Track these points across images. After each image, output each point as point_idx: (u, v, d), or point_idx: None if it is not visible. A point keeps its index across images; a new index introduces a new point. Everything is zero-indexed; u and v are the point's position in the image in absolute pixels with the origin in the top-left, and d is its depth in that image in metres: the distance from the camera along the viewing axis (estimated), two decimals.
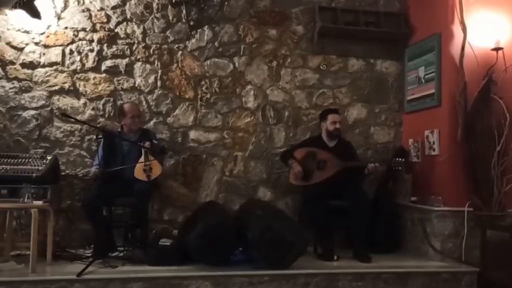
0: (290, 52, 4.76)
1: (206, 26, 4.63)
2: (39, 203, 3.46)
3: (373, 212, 4.18)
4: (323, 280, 3.52)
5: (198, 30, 4.61)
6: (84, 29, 4.40)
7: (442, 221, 4.03)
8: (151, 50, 4.53)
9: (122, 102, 4.39)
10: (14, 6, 4.12)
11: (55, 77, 4.34)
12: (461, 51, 4.12)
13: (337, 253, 3.95)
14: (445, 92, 4.19)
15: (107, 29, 4.45)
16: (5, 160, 3.72)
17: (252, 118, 4.70)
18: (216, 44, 4.65)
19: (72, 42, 4.38)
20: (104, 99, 4.43)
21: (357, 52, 4.86)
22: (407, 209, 4.42)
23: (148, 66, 4.52)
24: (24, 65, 4.29)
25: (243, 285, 3.39)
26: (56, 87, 4.34)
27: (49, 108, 4.32)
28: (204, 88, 4.62)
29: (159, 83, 4.54)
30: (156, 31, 4.55)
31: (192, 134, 4.59)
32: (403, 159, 4.10)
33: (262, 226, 3.54)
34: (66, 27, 4.37)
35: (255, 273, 3.44)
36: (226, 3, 4.65)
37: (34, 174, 3.58)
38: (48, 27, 4.33)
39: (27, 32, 4.29)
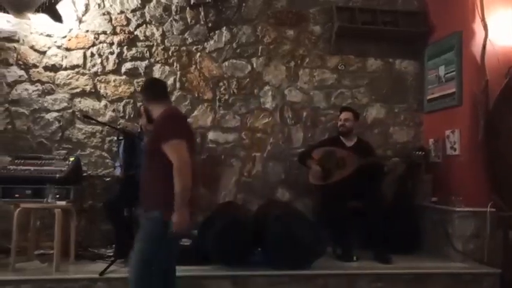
0: (308, 52, 4.76)
1: (224, 28, 4.66)
2: (63, 203, 3.53)
3: (392, 213, 4.16)
4: (342, 281, 3.51)
5: (216, 32, 4.65)
6: (104, 32, 4.48)
7: (463, 222, 3.98)
8: (170, 52, 4.58)
9: (141, 103, 4.44)
10: (37, 11, 4.20)
11: (77, 80, 4.42)
12: (482, 49, 4.07)
13: (356, 254, 3.93)
14: (466, 91, 4.15)
15: (126, 32, 4.51)
16: (29, 161, 3.81)
17: (270, 119, 4.71)
18: (234, 45, 4.68)
19: (93, 45, 4.46)
20: (124, 101, 4.49)
21: (375, 52, 4.84)
22: (428, 209, 4.37)
23: (167, 68, 4.57)
24: (46, 68, 4.37)
25: (263, 285, 3.40)
26: (78, 90, 4.42)
27: (71, 110, 4.40)
28: (222, 89, 4.65)
29: (178, 85, 4.59)
30: (174, 33, 4.60)
31: (211, 135, 4.62)
32: (423, 153, 4.08)
33: (281, 227, 3.55)
34: (87, 31, 4.44)
35: (274, 273, 3.45)
36: (243, 4, 4.68)
37: (57, 175, 3.65)
38: (70, 30, 4.41)
39: (49, 35, 4.37)
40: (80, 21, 4.44)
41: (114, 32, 4.50)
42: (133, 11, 4.54)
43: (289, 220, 3.67)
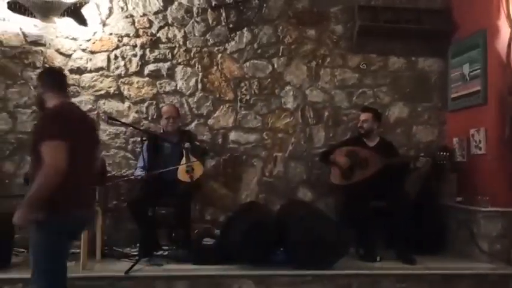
0: (329, 52, 4.75)
1: (245, 28, 4.68)
2: None
3: (416, 213, 4.12)
4: (365, 281, 3.49)
5: (237, 33, 4.67)
6: (127, 35, 4.54)
7: (489, 222, 3.92)
8: (192, 54, 4.62)
9: (162, 104, 4.50)
10: (63, 15, 4.29)
11: (101, 82, 4.50)
12: (507, 47, 4.00)
13: (379, 254, 3.90)
14: (491, 89, 4.08)
15: (149, 34, 4.57)
16: None
17: (291, 118, 4.71)
18: (255, 45, 4.69)
19: (117, 47, 4.53)
20: (147, 103, 4.55)
21: (397, 50, 4.80)
22: (453, 209, 4.31)
23: (189, 69, 4.62)
24: (72, 71, 4.45)
25: (285, 285, 3.40)
26: (102, 92, 4.49)
27: (95, 112, 4.47)
28: (243, 90, 4.67)
29: (199, 86, 4.63)
30: (196, 35, 4.64)
31: (232, 135, 4.65)
32: (447, 153, 4.02)
33: (304, 227, 3.55)
34: (110, 34, 4.52)
35: (297, 273, 3.45)
36: (264, 5, 4.69)
37: None
38: (94, 33, 4.49)
39: (74, 39, 4.46)
40: (104, 24, 4.51)
41: (137, 35, 4.56)
42: (156, 13, 4.60)
43: (312, 220, 3.67)
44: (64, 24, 4.39)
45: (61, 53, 4.46)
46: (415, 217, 4.09)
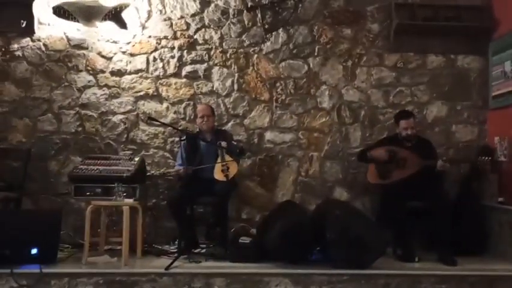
0: (365, 51, 4.71)
1: (281, 29, 4.70)
2: (130, 201, 3.70)
3: (456, 213, 4.04)
4: (404, 281, 3.44)
5: (273, 33, 4.70)
6: (166, 37, 4.64)
7: None
8: (228, 55, 4.68)
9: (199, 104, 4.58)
10: (104, 19, 4.43)
11: (140, 84, 4.62)
12: None
13: (417, 255, 3.85)
14: None
15: (186, 36, 4.66)
16: (99, 161, 4.03)
17: (327, 118, 4.70)
18: (290, 45, 4.71)
19: (155, 50, 4.63)
20: (184, 103, 4.64)
21: (436, 48, 4.71)
22: (494, 210, 4.20)
23: (225, 70, 4.68)
24: (113, 73, 4.60)
25: (323, 284, 3.39)
26: (141, 93, 4.61)
27: (135, 113, 4.60)
28: (279, 90, 4.69)
29: (235, 86, 4.68)
30: (232, 36, 4.70)
31: (268, 135, 4.68)
32: (489, 158, 3.92)
33: (341, 226, 3.54)
34: (149, 36, 4.63)
35: (334, 272, 3.44)
36: (300, 5, 4.70)
37: (124, 175, 3.83)
38: (134, 36, 4.61)
39: (115, 42, 4.59)
40: (143, 27, 4.63)
41: (174, 37, 4.65)
42: (193, 15, 4.68)
43: (349, 219, 3.65)
44: (105, 28, 4.53)
45: (102, 56, 4.60)
46: (455, 218, 4.00)
